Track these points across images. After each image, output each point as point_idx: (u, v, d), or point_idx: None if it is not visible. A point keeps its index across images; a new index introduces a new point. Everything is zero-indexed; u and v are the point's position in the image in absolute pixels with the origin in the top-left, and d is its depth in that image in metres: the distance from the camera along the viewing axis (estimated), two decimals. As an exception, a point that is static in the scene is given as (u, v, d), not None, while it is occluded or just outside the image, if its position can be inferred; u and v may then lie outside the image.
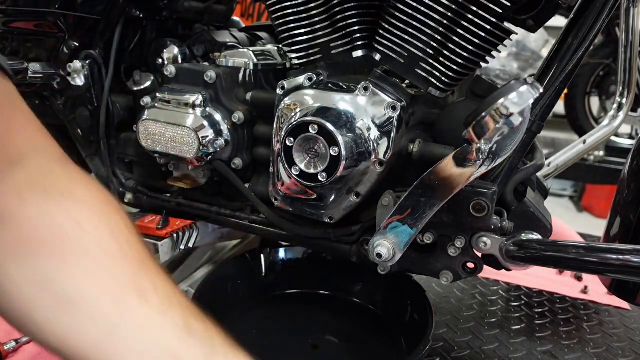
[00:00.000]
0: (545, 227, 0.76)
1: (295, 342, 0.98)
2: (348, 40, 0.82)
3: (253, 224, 0.95)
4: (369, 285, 1.07)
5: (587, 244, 0.67)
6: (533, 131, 0.73)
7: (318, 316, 1.06)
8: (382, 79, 0.76)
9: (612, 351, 1.02)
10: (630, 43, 1.06)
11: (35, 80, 1.01)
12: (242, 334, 1.00)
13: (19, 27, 1.04)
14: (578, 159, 1.13)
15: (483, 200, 0.72)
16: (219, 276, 1.04)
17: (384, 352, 0.96)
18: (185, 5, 1.04)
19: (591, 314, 1.16)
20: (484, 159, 0.65)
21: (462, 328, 1.07)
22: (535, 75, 0.75)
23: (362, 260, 0.86)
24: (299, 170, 0.78)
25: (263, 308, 1.07)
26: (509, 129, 0.61)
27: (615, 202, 0.86)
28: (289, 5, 0.81)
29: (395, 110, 0.74)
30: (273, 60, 0.96)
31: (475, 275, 0.82)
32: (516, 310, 1.15)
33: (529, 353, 0.99)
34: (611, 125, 1.13)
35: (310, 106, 0.78)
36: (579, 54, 0.70)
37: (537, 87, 0.59)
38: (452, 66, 0.76)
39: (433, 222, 0.73)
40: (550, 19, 0.75)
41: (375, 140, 0.75)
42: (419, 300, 0.96)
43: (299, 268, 1.12)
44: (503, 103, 0.59)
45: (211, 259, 1.22)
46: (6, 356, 0.87)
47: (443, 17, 0.73)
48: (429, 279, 0.93)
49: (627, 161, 0.84)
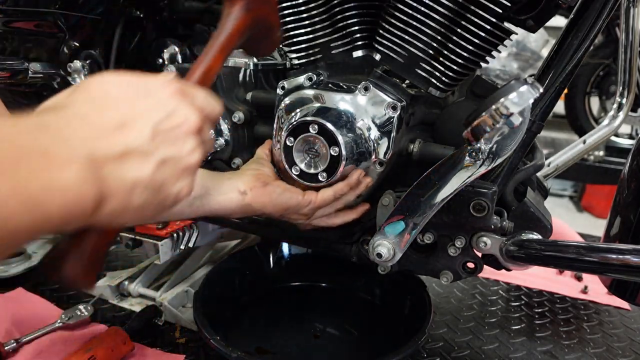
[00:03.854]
0: (545, 227, 0.76)
1: (298, 331, 1.00)
2: (348, 40, 0.82)
3: (253, 224, 0.95)
4: (370, 279, 1.09)
5: (587, 244, 0.67)
6: (533, 131, 0.73)
7: (320, 308, 1.08)
8: (382, 79, 0.76)
9: (612, 351, 1.02)
10: (630, 43, 1.06)
11: (35, 80, 1.01)
12: (248, 322, 1.02)
13: (19, 27, 1.04)
14: (578, 159, 1.14)
15: (483, 200, 0.72)
16: (228, 267, 1.05)
17: (383, 343, 0.97)
18: (185, 5, 1.04)
19: (591, 314, 1.16)
20: (484, 159, 0.65)
21: (462, 328, 1.07)
22: (535, 75, 0.75)
23: (362, 260, 0.86)
24: (299, 170, 0.78)
25: (268, 299, 1.09)
26: (509, 129, 0.61)
27: (615, 202, 0.86)
28: (289, 5, 0.81)
29: (396, 110, 0.74)
30: (273, 60, 0.96)
31: (475, 275, 0.82)
32: (516, 310, 1.15)
33: (529, 353, 0.99)
34: (611, 125, 1.14)
35: (310, 106, 0.78)
36: (579, 54, 0.70)
37: (537, 87, 0.59)
38: (452, 66, 0.76)
39: (433, 222, 0.73)
40: (550, 19, 0.75)
41: (376, 140, 0.75)
42: (419, 294, 0.97)
43: (302, 261, 1.14)
44: (503, 103, 0.59)
45: (211, 259, 1.22)
46: (6, 356, 0.87)
47: (443, 17, 0.73)
48: (429, 278, 0.93)
49: (627, 161, 0.84)
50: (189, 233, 1.08)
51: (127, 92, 0.41)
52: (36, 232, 0.35)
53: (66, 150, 0.35)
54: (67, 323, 0.95)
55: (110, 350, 0.86)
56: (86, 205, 0.36)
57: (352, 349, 0.97)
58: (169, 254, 1.05)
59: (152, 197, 0.42)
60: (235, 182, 0.74)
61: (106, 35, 1.01)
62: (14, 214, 0.32)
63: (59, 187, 0.34)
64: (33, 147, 0.34)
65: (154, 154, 0.41)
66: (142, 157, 0.40)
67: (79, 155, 0.36)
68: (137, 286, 1.10)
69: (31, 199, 0.33)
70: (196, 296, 0.93)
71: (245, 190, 0.73)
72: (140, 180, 0.40)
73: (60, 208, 0.34)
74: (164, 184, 0.43)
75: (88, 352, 0.84)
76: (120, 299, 1.10)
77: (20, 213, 0.32)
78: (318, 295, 1.11)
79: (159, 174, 0.42)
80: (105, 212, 0.39)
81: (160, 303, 1.03)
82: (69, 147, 0.36)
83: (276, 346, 0.95)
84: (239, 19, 0.57)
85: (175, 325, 1.01)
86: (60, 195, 0.34)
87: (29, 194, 0.32)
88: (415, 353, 0.96)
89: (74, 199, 0.35)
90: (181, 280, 1.11)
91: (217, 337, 0.80)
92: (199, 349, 0.95)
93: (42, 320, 0.96)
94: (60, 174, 0.34)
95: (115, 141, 0.39)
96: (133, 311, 1.05)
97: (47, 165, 0.34)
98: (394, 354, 0.79)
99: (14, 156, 0.32)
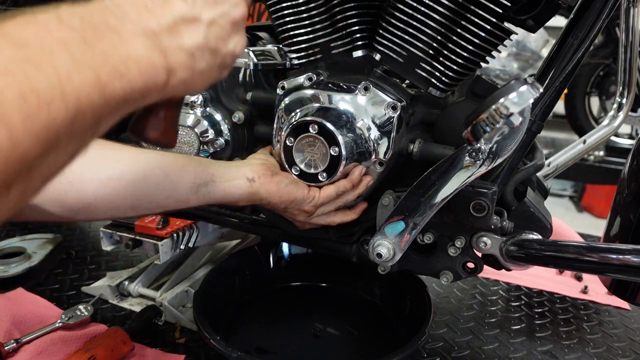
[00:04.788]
0: (545, 227, 0.76)
1: (298, 331, 1.00)
2: (348, 40, 0.82)
3: (253, 224, 0.95)
4: (370, 279, 1.09)
5: (587, 244, 0.67)
6: (533, 131, 0.73)
7: (320, 308, 1.08)
8: (382, 79, 0.76)
9: (612, 351, 1.02)
10: (630, 43, 1.06)
11: (35, 80, 1.01)
12: (248, 322, 1.01)
13: (19, 27, 1.04)
14: (578, 159, 1.13)
15: (483, 200, 0.72)
16: (228, 267, 1.05)
17: (383, 343, 0.97)
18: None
19: (591, 314, 1.16)
20: (484, 159, 0.65)
21: (462, 328, 1.07)
22: (535, 75, 0.75)
23: (362, 260, 0.86)
24: (299, 170, 0.78)
25: (268, 299, 1.09)
26: (509, 129, 0.62)
27: (615, 202, 0.86)
28: (289, 5, 0.81)
29: (396, 110, 0.74)
30: (273, 60, 0.96)
31: (475, 275, 0.82)
32: (516, 310, 1.15)
33: (529, 353, 0.99)
34: (611, 125, 1.13)
35: (310, 106, 0.78)
36: (579, 54, 0.70)
37: (537, 87, 0.59)
38: (452, 66, 0.76)
39: (433, 222, 0.73)
40: (550, 19, 0.75)
41: (376, 140, 0.75)
42: (419, 294, 0.97)
43: (302, 261, 1.14)
44: (503, 103, 0.59)
45: (211, 259, 1.22)
46: (6, 356, 0.87)
47: (443, 17, 0.73)
48: (429, 278, 0.93)
49: (627, 161, 0.84)
50: (189, 233, 1.07)
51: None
52: (126, 102, 0.37)
53: (129, 26, 0.38)
54: (67, 323, 0.95)
55: (110, 350, 0.86)
56: (159, 74, 0.39)
57: (352, 349, 0.97)
58: (169, 254, 1.05)
59: (212, 59, 0.45)
60: (244, 169, 0.74)
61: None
62: (108, 83, 0.34)
63: (135, 57, 0.37)
64: (105, 25, 0.36)
65: (200, 16, 0.44)
66: (191, 23, 0.43)
67: (138, 31, 0.38)
68: (137, 286, 1.10)
69: (117, 70, 0.35)
70: (196, 296, 0.93)
71: (253, 177, 0.73)
72: (197, 43, 0.43)
73: (141, 77, 0.37)
74: (218, 42, 0.46)
75: (88, 352, 0.84)
76: (120, 299, 1.10)
77: (112, 81, 0.35)
78: (318, 295, 1.11)
79: (211, 34, 0.45)
80: (177, 82, 0.42)
81: (160, 303, 1.03)
82: (131, 24, 0.38)
83: (276, 346, 0.95)
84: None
85: (175, 325, 1.01)
86: (137, 66, 0.37)
87: (114, 65, 0.35)
88: (415, 353, 0.96)
89: (148, 69, 0.38)
90: (181, 280, 1.11)
91: (217, 337, 0.80)
92: (199, 349, 0.95)
93: (42, 320, 0.97)
94: (132, 46, 0.37)
95: (163, 14, 0.41)
96: (133, 311, 1.05)
97: (120, 40, 0.37)
98: (394, 354, 0.79)
99: (95, 32, 0.35)
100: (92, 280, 1.15)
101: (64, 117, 0.31)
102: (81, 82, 0.32)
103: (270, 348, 0.94)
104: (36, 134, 0.29)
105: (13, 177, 0.29)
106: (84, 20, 0.35)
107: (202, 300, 0.90)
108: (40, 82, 0.29)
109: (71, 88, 0.31)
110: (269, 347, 0.94)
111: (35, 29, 0.32)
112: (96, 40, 0.35)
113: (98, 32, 0.35)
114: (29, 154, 0.29)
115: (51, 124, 0.30)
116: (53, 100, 0.30)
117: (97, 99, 0.34)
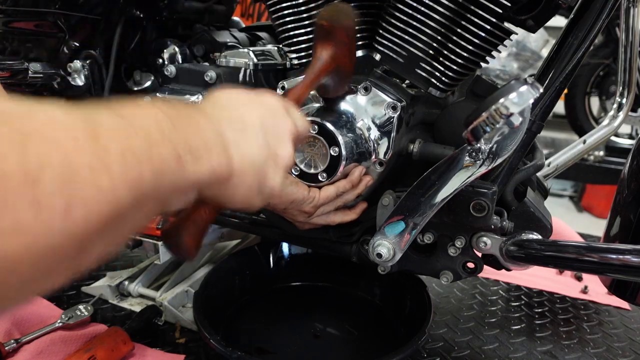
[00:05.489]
0: (545, 227, 0.76)
1: (298, 331, 1.00)
2: (348, 40, 0.82)
3: (253, 224, 0.95)
4: (370, 279, 1.09)
5: (587, 244, 0.67)
6: (533, 131, 0.73)
7: (320, 308, 1.08)
8: (382, 79, 0.76)
9: (612, 351, 1.02)
10: (630, 43, 1.06)
11: (35, 80, 1.01)
12: (248, 322, 1.01)
13: (19, 27, 1.04)
14: (578, 159, 1.13)
15: (483, 200, 0.72)
16: (228, 267, 1.05)
17: (383, 343, 0.97)
18: (185, 5, 1.04)
19: (591, 314, 1.16)
20: (484, 159, 0.65)
21: (462, 328, 1.07)
22: (535, 75, 0.75)
23: (362, 260, 0.86)
24: (299, 170, 0.78)
25: (268, 299, 1.09)
26: (509, 129, 0.61)
27: (615, 202, 0.86)
28: (289, 5, 0.81)
29: (396, 110, 0.74)
30: (273, 60, 0.96)
31: (475, 275, 0.82)
32: (516, 310, 1.15)
33: (529, 353, 0.99)
34: (611, 125, 1.13)
35: (310, 106, 0.78)
36: (579, 54, 0.70)
37: (537, 87, 0.59)
38: (452, 66, 0.76)
39: (433, 222, 0.73)
40: (550, 19, 0.75)
41: (376, 140, 0.75)
42: (419, 294, 0.97)
43: (302, 261, 1.14)
44: (503, 103, 0.59)
45: (211, 259, 1.22)
46: (6, 356, 0.87)
47: (443, 17, 0.73)
48: (429, 278, 0.93)
49: (627, 161, 0.84)
50: (189, 233, 1.07)
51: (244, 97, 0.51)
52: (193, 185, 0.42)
53: (208, 125, 0.44)
54: (67, 323, 0.95)
55: (110, 350, 0.86)
56: (222, 171, 0.43)
57: (352, 349, 0.97)
58: (169, 254, 1.05)
59: (256, 183, 0.48)
60: None
61: (106, 35, 1.01)
62: (185, 159, 0.38)
63: (208, 146, 0.42)
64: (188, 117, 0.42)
65: (267, 142, 0.48)
66: (258, 143, 0.48)
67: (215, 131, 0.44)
68: (137, 286, 1.10)
69: (195, 152, 0.40)
70: (196, 296, 0.93)
71: None
72: (255, 162, 0.47)
73: (210, 166, 0.42)
74: (267, 173, 0.49)
75: (88, 352, 0.84)
76: (120, 299, 1.10)
77: (191, 162, 0.39)
78: (318, 295, 1.11)
79: (268, 162, 0.49)
80: (230, 185, 0.45)
81: (160, 303, 1.03)
82: (211, 124, 0.44)
83: (276, 346, 0.95)
84: (324, 63, 0.67)
85: (175, 325, 1.01)
86: (208, 155, 0.41)
87: (191, 146, 0.40)
88: (415, 353, 0.96)
89: (217, 159, 0.42)
90: (181, 280, 1.11)
91: (217, 337, 0.80)
92: (199, 349, 0.95)
93: (42, 320, 0.96)
94: (206, 135, 0.42)
95: (236, 126, 0.46)
96: (133, 311, 1.05)
97: (199, 129, 0.42)
98: (394, 354, 0.79)
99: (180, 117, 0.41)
100: (92, 280, 1.15)
101: (150, 179, 0.35)
102: (167, 153, 0.37)
103: (270, 348, 0.94)
104: (129, 187, 0.33)
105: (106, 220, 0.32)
106: (174, 108, 0.41)
107: (202, 300, 0.90)
108: (135, 144, 0.34)
109: (157, 153, 0.36)
110: (269, 347, 0.94)
111: (134, 108, 0.38)
112: (180, 124, 0.40)
113: (183, 118, 0.41)
114: (124, 201, 0.32)
115: (140, 179, 0.34)
116: (141, 162, 0.34)
117: (175, 168, 0.37)
